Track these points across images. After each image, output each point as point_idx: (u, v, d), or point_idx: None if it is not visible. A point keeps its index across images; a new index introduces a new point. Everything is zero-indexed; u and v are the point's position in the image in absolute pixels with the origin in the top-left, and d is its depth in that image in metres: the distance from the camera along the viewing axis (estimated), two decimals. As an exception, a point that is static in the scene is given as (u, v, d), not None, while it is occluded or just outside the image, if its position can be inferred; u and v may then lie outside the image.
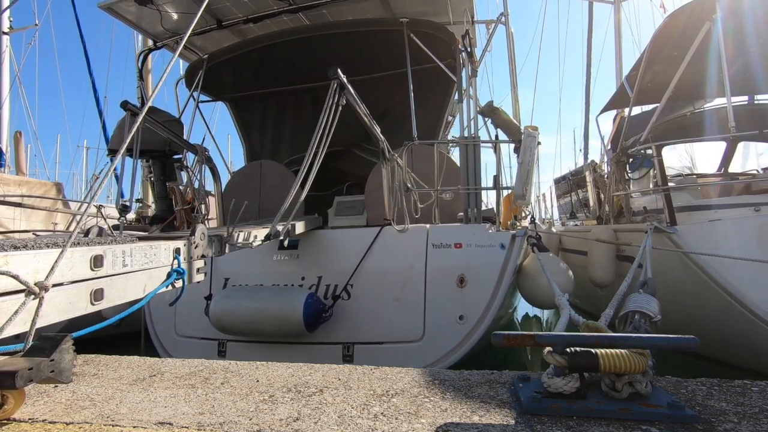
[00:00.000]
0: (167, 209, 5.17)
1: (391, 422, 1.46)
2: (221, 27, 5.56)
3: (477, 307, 3.79)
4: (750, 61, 5.02)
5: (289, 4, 5.22)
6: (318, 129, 2.74)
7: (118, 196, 4.78)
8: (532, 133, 4.07)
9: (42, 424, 1.49)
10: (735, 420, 1.42)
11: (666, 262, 3.80)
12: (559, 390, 1.54)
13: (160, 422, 1.49)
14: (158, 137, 4.35)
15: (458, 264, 3.90)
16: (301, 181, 2.78)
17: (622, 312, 2.74)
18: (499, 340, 1.62)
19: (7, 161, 9.77)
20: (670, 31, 4.65)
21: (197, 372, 2.03)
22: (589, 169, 7.55)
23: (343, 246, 4.19)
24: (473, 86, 4.83)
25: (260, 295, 3.84)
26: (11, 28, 10.90)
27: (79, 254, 1.47)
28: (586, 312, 5.53)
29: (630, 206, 5.61)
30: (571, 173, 9.19)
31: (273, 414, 1.54)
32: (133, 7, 5.01)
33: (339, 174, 6.40)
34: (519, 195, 4.02)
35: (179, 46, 2.21)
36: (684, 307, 3.83)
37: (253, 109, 6.98)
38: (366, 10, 5.55)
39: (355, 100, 3.08)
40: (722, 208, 4.23)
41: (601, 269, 4.96)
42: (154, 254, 1.81)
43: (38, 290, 1.27)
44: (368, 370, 1.99)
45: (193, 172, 4.62)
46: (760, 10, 4.33)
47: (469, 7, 5.24)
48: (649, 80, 5.27)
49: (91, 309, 1.51)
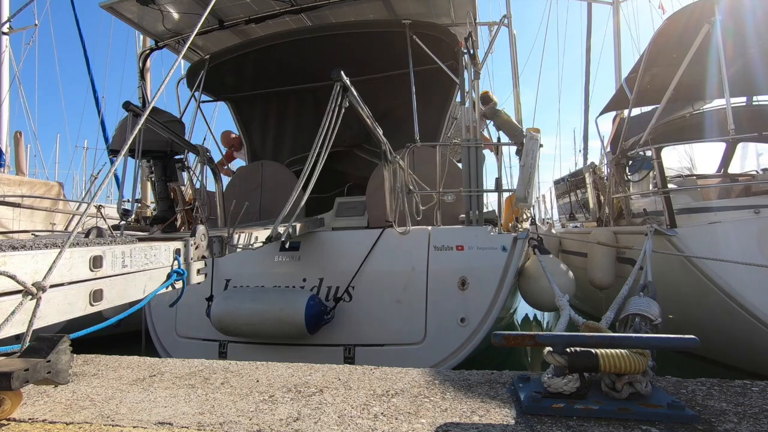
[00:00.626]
0: (168, 210, 5.17)
1: (391, 422, 1.46)
2: (223, 27, 5.57)
3: (479, 310, 3.78)
4: (749, 62, 5.03)
5: (291, 5, 5.23)
6: (321, 131, 2.75)
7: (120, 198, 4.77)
8: (535, 136, 4.08)
9: (42, 424, 1.49)
10: (735, 420, 1.42)
11: (666, 265, 3.80)
12: (559, 390, 1.54)
13: (160, 422, 1.49)
14: (160, 137, 4.35)
15: (460, 266, 3.89)
16: (303, 182, 2.78)
17: (622, 315, 2.74)
18: (499, 340, 1.62)
19: (7, 161, 9.77)
20: (670, 33, 4.66)
21: (197, 372, 2.03)
22: (589, 171, 7.56)
23: (344, 248, 4.19)
24: (476, 88, 4.84)
25: (262, 296, 3.84)
26: (11, 28, 10.90)
27: (78, 255, 1.47)
28: (586, 314, 5.52)
29: (630, 208, 5.61)
30: (570, 175, 9.20)
31: (273, 414, 1.54)
32: (134, 7, 5.02)
33: (340, 175, 6.40)
34: (521, 197, 4.02)
35: (183, 48, 2.22)
36: (684, 308, 3.83)
37: (255, 110, 6.98)
38: (368, 12, 5.56)
39: (358, 102, 3.09)
40: (722, 211, 4.23)
41: (601, 271, 4.96)
42: (154, 255, 1.81)
43: (35, 291, 1.27)
44: (368, 370, 1.99)
45: (194, 172, 4.62)
46: (760, 11, 4.34)
47: (472, 9, 5.24)
48: (648, 82, 5.28)
49: (90, 310, 1.51)
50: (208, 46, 6.12)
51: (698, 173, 5.84)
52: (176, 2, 5.02)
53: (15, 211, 6.80)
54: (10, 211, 6.70)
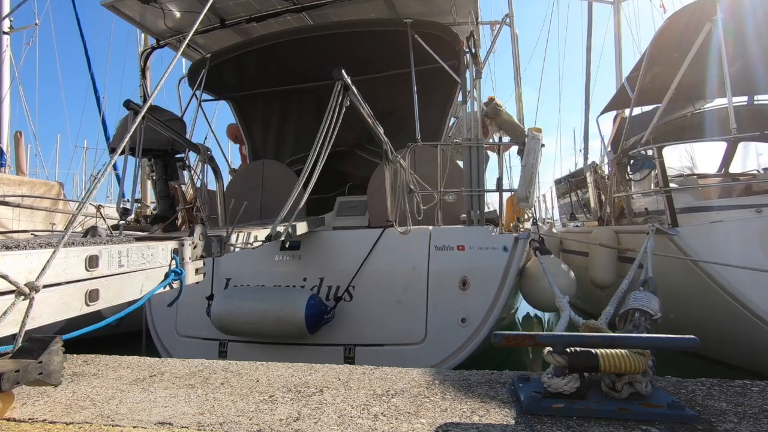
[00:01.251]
0: (169, 209, 5.17)
1: (391, 422, 1.45)
2: (224, 26, 5.57)
3: (479, 310, 3.78)
4: (750, 62, 5.02)
5: (293, 4, 5.22)
6: (321, 131, 2.75)
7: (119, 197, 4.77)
8: (536, 136, 4.07)
9: (42, 424, 1.49)
10: (735, 420, 1.42)
11: (667, 263, 3.79)
12: (559, 390, 1.54)
13: (160, 422, 1.49)
14: (161, 136, 4.36)
15: (461, 266, 3.88)
16: (303, 182, 2.78)
17: (622, 310, 2.73)
18: (500, 340, 1.61)
19: (8, 161, 9.77)
20: (671, 32, 4.66)
21: (197, 372, 2.03)
22: (590, 170, 7.55)
23: (345, 247, 4.18)
24: (477, 88, 4.83)
25: (262, 295, 3.83)
26: (11, 28, 10.91)
27: (74, 254, 1.46)
28: (587, 313, 5.53)
29: (631, 207, 5.60)
30: (570, 174, 9.19)
31: (273, 414, 1.54)
32: (136, 5, 5.02)
33: (341, 175, 6.40)
34: (522, 197, 4.02)
35: (182, 45, 2.21)
36: (685, 307, 3.82)
37: (256, 109, 6.98)
38: (370, 11, 5.55)
39: (359, 101, 3.08)
40: (724, 210, 4.23)
41: (602, 270, 4.96)
42: (151, 255, 1.80)
43: (28, 291, 1.26)
44: (368, 370, 1.99)
45: (195, 171, 4.62)
46: (760, 11, 4.33)
47: (473, 9, 5.23)
48: (649, 81, 5.27)
49: (86, 310, 1.50)
50: (209, 44, 6.13)
51: (699, 172, 5.83)
52: (178, 0, 5.01)
53: (15, 211, 6.80)
54: (10, 211, 6.70)
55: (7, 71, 10.39)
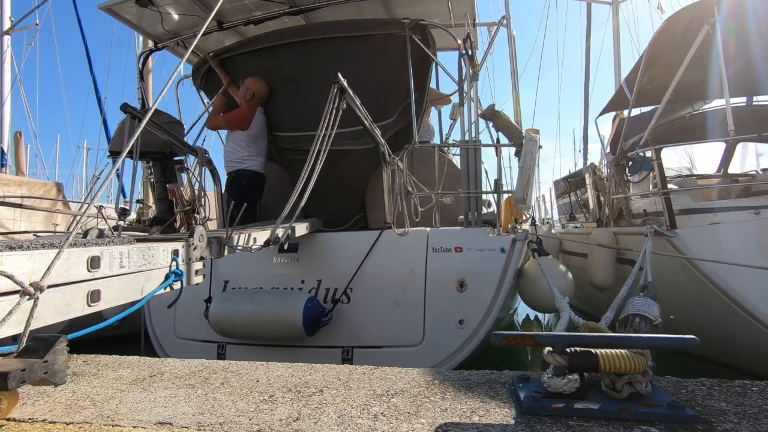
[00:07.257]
0: (167, 211, 5.17)
1: (391, 422, 1.45)
2: (222, 29, 5.57)
3: (477, 312, 3.77)
4: (749, 62, 5.02)
5: (290, 6, 5.23)
6: (318, 135, 2.76)
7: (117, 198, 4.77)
8: (534, 137, 4.07)
9: (42, 424, 1.49)
10: (735, 420, 1.42)
11: (666, 265, 3.79)
12: (559, 390, 1.54)
13: (160, 422, 1.49)
14: (159, 139, 4.35)
15: (458, 268, 3.88)
16: (302, 184, 2.78)
17: (622, 315, 2.74)
18: (500, 340, 1.62)
19: (9, 162, 9.76)
20: (670, 33, 4.66)
21: (197, 372, 2.03)
22: (589, 172, 7.56)
23: (343, 249, 4.18)
24: (475, 89, 4.82)
25: (260, 298, 3.83)
26: (12, 28, 10.91)
27: (76, 255, 1.46)
28: (586, 314, 5.51)
29: (630, 209, 5.61)
30: (569, 175, 9.20)
31: (273, 414, 1.54)
32: (133, 9, 5.01)
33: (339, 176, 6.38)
34: (520, 199, 4.02)
35: (187, 52, 2.24)
36: (684, 309, 3.82)
37: None
38: (366, 13, 5.55)
39: (356, 103, 3.09)
40: (722, 211, 4.23)
41: (601, 272, 4.95)
42: (152, 256, 1.81)
43: (33, 291, 1.26)
44: (368, 370, 1.99)
45: (193, 173, 4.62)
46: (760, 11, 4.33)
47: (470, 10, 5.22)
48: (648, 82, 5.28)
49: (87, 310, 1.50)
50: (206, 45, 6.12)
51: (698, 173, 5.84)
52: (175, 4, 5.01)
53: (16, 212, 6.79)
54: (10, 211, 6.69)
55: (8, 71, 10.40)
